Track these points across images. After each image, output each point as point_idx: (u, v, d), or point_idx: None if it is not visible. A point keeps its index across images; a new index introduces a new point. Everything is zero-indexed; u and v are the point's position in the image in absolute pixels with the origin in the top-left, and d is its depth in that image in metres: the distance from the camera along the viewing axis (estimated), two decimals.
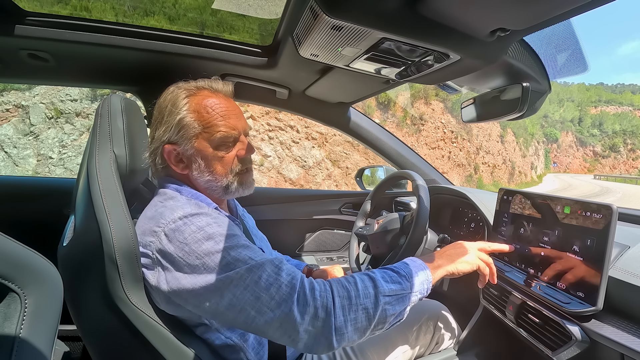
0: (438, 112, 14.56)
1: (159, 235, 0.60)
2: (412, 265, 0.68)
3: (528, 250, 0.79)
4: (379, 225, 1.04)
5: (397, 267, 0.67)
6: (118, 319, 0.60)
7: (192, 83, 0.74)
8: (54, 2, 2.22)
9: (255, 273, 0.56)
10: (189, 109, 0.70)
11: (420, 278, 0.66)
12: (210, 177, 0.72)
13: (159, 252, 0.60)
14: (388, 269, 0.66)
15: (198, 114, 0.70)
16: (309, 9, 0.64)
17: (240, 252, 0.59)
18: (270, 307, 0.55)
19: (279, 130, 8.86)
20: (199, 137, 0.70)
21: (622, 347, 0.57)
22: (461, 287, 1.12)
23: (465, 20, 0.61)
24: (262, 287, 0.56)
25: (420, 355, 0.92)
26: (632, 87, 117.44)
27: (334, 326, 0.55)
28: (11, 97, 6.88)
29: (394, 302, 0.61)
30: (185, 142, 0.70)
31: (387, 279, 0.63)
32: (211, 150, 0.71)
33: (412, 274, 0.66)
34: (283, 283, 0.56)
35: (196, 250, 0.58)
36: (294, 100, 1.36)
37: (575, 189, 28.74)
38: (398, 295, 0.62)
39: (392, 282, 0.63)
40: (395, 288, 0.62)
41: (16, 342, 0.31)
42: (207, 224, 0.61)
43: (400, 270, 0.66)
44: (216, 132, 0.70)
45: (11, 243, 0.34)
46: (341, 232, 1.67)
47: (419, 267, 0.68)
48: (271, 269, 0.58)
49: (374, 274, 0.64)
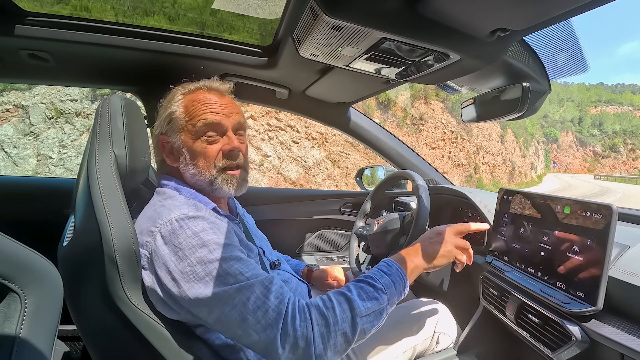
0: (438, 112, 14.56)
1: (155, 235, 0.61)
2: (390, 273, 0.67)
3: (528, 250, 0.79)
4: (379, 225, 1.04)
5: (375, 279, 0.66)
6: (118, 319, 0.60)
7: (194, 83, 0.77)
8: (54, 2, 2.22)
9: (244, 294, 0.57)
10: (180, 105, 0.74)
11: (398, 287, 0.66)
12: (194, 171, 0.72)
13: (154, 253, 0.60)
14: (365, 281, 0.65)
15: (186, 109, 0.73)
16: (309, 9, 0.64)
17: (232, 266, 0.59)
18: (255, 330, 0.56)
19: (279, 130, 8.86)
20: (184, 129, 0.73)
21: (622, 347, 0.57)
22: (461, 287, 1.12)
23: (465, 20, 0.61)
24: (249, 310, 0.56)
25: (420, 355, 0.91)
26: (632, 87, 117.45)
27: (314, 354, 0.56)
28: (11, 97, 6.88)
29: (372, 319, 0.62)
30: (173, 134, 0.73)
31: (364, 296, 0.62)
32: (194, 141, 0.72)
33: (389, 284, 0.65)
34: (270, 307, 0.57)
35: (189, 256, 0.58)
36: (294, 100, 1.36)
37: (575, 189, 28.74)
38: (375, 311, 0.62)
39: (369, 299, 0.62)
40: (372, 305, 0.62)
41: (16, 342, 0.31)
42: (203, 230, 0.61)
43: (376, 282, 0.65)
44: (197, 121, 0.71)
45: (11, 243, 0.34)
46: (341, 232, 1.67)
47: (397, 275, 0.67)
48: (260, 290, 0.58)
49: (350, 293, 0.62)
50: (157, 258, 0.60)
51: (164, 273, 0.59)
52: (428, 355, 0.92)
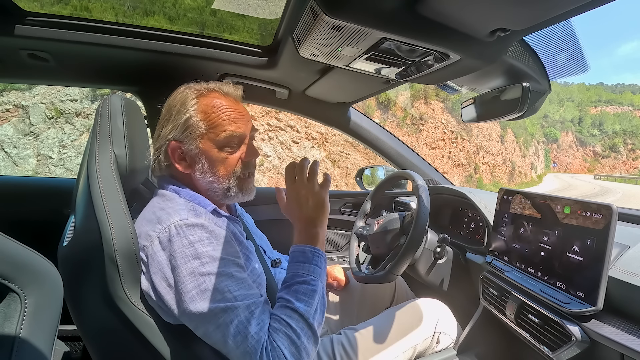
0: (438, 112, 14.57)
1: (153, 240, 0.61)
2: (308, 259, 0.68)
3: (528, 250, 0.79)
4: (379, 225, 1.04)
5: (300, 274, 0.66)
6: (118, 318, 0.60)
7: (203, 84, 0.74)
8: (54, 2, 2.22)
9: (229, 316, 0.57)
10: (197, 110, 0.70)
11: (322, 264, 0.69)
12: (212, 179, 0.72)
13: (150, 258, 0.61)
14: (295, 282, 0.65)
15: (205, 115, 0.70)
16: (309, 9, 0.64)
17: (221, 283, 0.59)
18: (235, 354, 0.57)
19: (279, 130, 8.86)
20: (204, 137, 0.70)
21: (622, 347, 0.57)
22: (461, 287, 1.12)
23: (465, 20, 0.61)
24: (230, 333, 0.56)
25: (421, 354, 0.91)
26: (632, 87, 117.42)
27: None
28: (11, 97, 6.88)
29: (320, 307, 0.65)
30: (190, 142, 0.70)
31: (303, 298, 0.63)
32: (216, 150, 0.71)
33: (314, 269, 0.67)
34: (249, 334, 0.57)
35: (180, 266, 0.58)
36: (294, 100, 1.36)
37: (575, 189, 28.74)
38: (319, 301, 0.65)
39: (308, 296, 0.64)
40: (314, 299, 0.64)
41: (16, 342, 0.31)
42: (199, 240, 0.61)
43: (305, 275, 0.66)
44: (221, 132, 0.70)
45: (11, 243, 0.34)
46: (341, 232, 1.67)
47: (314, 256, 0.69)
48: (244, 315, 0.58)
49: (292, 303, 0.62)
50: (153, 263, 0.60)
51: (158, 279, 0.60)
52: (428, 355, 0.92)
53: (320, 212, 0.72)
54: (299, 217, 0.72)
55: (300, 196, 0.72)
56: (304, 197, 0.71)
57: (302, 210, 0.72)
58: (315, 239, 0.71)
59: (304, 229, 0.72)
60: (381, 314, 0.95)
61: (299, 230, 0.72)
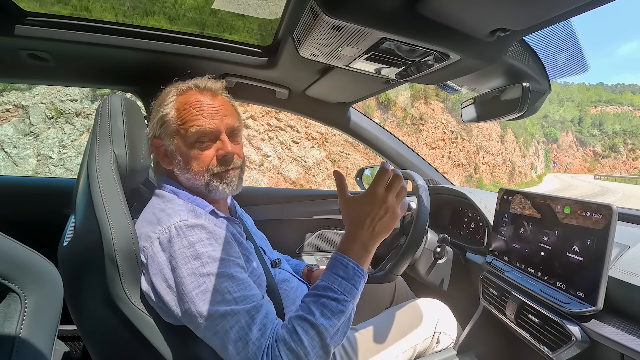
0: (438, 112, 14.56)
1: (153, 241, 0.61)
2: (347, 276, 0.61)
3: (528, 250, 0.79)
4: None
5: (334, 290, 0.60)
6: (118, 318, 0.60)
7: (185, 83, 0.76)
8: (54, 2, 2.21)
9: (229, 321, 0.56)
10: (172, 107, 0.72)
11: (359, 285, 0.62)
12: (188, 175, 0.72)
13: (150, 259, 0.61)
14: (325, 296, 0.59)
15: (177, 112, 0.72)
16: (309, 9, 0.64)
17: (222, 284, 0.58)
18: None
19: (279, 130, 8.85)
20: (177, 133, 0.72)
21: (622, 347, 0.57)
22: (461, 287, 1.12)
23: (465, 20, 0.61)
24: (231, 339, 0.55)
25: (421, 354, 0.91)
26: (632, 87, 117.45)
27: None
28: (11, 97, 6.88)
29: (342, 330, 0.59)
30: (166, 138, 0.73)
31: (328, 314, 0.58)
32: (186, 147, 0.71)
33: (351, 289, 0.61)
34: (250, 340, 0.55)
35: (181, 266, 0.58)
36: (294, 100, 1.36)
37: (575, 189, 28.74)
38: (344, 322, 0.59)
39: (334, 315, 0.58)
40: (339, 320, 0.58)
41: (16, 342, 0.31)
42: (199, 240, 0.61)
43: (337, 293, 0.60)
44: (189, 127, 0.70)
45: (11, 243, 0.34)
46: (341, 232, 1.67)
47: (355, 275, 0.62)
48: (245, 320, 0.56)
49: (313, 316, 0.57)
50: (153, 264, 0.60)
51: (159, 280, 0.60)
52: (428, 355, 0.92)
53: (384, 234, 0.65)
54: (364, 226, 0.63)
55: (381, 207, 0.63)
56: (383, 211, 0.63)
57: (373, 221, 0.63)
58: (365, 258, 0.64)
59: (360, 241, 0.64)
60: (381, 314, 0.95)
61: (354, 239, 0.64)
